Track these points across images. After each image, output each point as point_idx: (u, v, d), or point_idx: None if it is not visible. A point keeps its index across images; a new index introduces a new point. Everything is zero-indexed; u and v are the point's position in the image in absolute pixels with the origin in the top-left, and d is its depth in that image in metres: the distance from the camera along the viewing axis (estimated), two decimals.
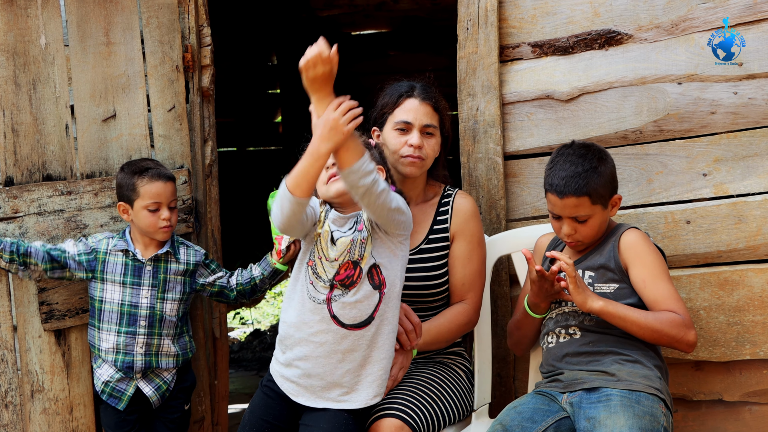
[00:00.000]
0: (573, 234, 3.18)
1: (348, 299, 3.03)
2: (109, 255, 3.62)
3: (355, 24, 9.28)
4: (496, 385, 3.77)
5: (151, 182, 3.57)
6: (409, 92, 3.42)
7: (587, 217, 3.15)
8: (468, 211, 3.47)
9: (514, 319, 3.40)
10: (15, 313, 3.78)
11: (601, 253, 3.22)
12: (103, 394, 3.64)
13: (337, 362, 3.05)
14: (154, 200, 3.57)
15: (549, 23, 3.72)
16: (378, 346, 3.07)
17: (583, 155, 3.17)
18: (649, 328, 3.07)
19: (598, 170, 3.14)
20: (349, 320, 3.04)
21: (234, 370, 7.03)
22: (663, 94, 3.58)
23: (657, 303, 3.11)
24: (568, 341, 3.20)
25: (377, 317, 3.05)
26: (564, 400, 3.12)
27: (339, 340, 3.04)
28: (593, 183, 3.12)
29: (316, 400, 3.09)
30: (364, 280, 3.03)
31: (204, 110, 3.94)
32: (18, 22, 3.75)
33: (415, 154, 3.37)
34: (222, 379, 4.06)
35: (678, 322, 3.07)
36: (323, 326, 3.04)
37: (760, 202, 3.50)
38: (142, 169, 3.59)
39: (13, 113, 3.76)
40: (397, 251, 3.07)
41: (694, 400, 3.65)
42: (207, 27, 3.92)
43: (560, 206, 3.16)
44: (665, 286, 3.13)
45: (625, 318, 3.08)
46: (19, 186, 3.75)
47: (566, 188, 3.12)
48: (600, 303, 3.07)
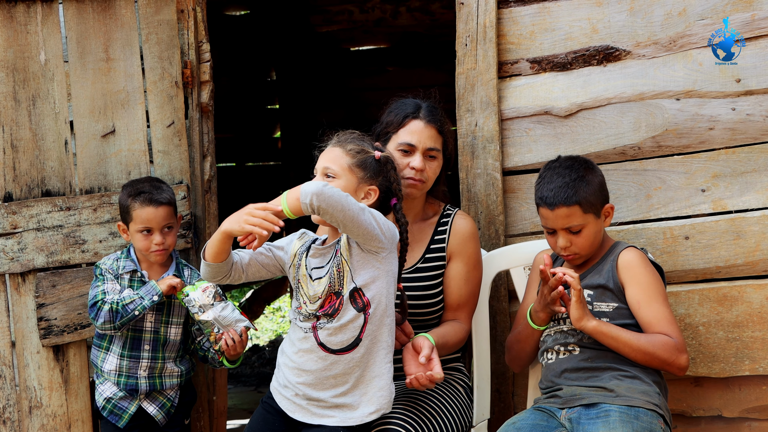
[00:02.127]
0: (569, 246, 3.19)
1: (333, 325, 3.04)
2: (119, 279, 3.60)
3: (354, 40, 9.31)
4: (495, 400, 3.76)
5: (143, 207, 3.54)
6: (415, 113, 3.40)
7: (581, 227, 3.17)
8: (467, 232, 3.46)
9: (514, 333, 3.40)
10: (13, 328, 3.78)
11: (600, 273, 3.22)
12: (104, 410, 3.62)
13: (330, 387, 3.06)
14: (144, 225, 3.55)
15: (548, 39, 3.73)
16: (371, 364, 3.06)
17: (569, 166, 3.21)
18: (641, 350, 3.09)
19: (585, 179, 3.18)
20: (336, 345, 3.04)
21: (232, 386, 7.01)
22: (661, 110, 3.59)
23: (650, 325, 3.12)
24: (568, 357, 3.20)
25: (365, 338, 3.04)
26: (563, 416, 3.11)
27: (329, 366, 3.05)
28: (582, 191, 3.15)
29: (312, 417, 3.08)
30: (347, 306, 3.03)
31: (203, 126, 3.95)
32: (18, 38, 3.76)
33: (416, 177, 3.37)
34: (220, 395, 4.05)
35: (670, 346, 3.09)
36: (312, 354, 3.06)
37: (759, 217, 3.51)
38: (136, 192, 3.57)
39: (13, 129, 3.77)
40: (380, 267, 3.04)
41: (694, 416, 3.65)
42: (206, 43, 3.93)
43: (552, 218, 3.17)
44: (659, 308, 3.13)
45: (618, 339, 3.09)
46: (18, 202, 3.75)
47: (556, 198, 3.15)
48: (593, 323, 3.09)
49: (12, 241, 3.73)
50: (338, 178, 3.06)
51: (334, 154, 3.10)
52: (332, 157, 3.10)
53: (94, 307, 3.49)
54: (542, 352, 3.29)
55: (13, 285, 3.77)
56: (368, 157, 3.09)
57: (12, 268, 3.75)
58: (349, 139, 3.14)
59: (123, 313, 3.46)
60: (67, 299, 3.74)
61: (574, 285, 3.06)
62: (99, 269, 3.60)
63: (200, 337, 3.66)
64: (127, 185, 3.65)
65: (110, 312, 3.46)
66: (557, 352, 3.23)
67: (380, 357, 3.06)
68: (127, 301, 3.47)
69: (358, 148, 3.10)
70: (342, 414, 3.05)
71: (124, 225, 3.61)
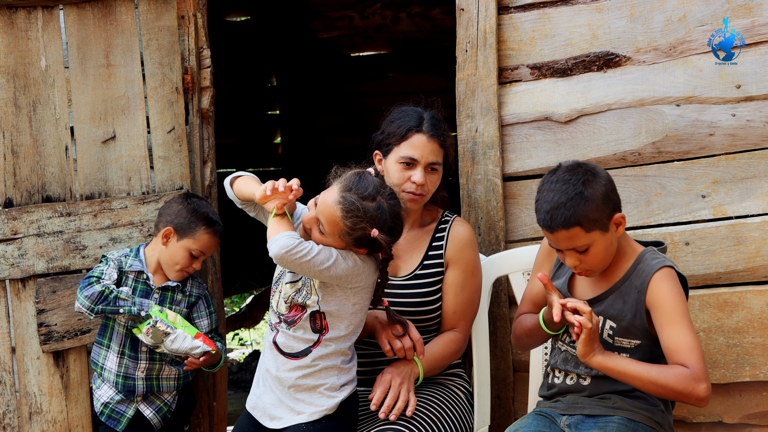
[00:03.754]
0: (579, 264, 3.00)
1: (288, 332, 3.12)
2: (124, 276, 3.60)
3: (354, 45, 9.32)
4: (496, 406, 3.76)
5: (210, 236, 3.59)
6: (418, 127, 3.37)
7: (587, 246, 2.94)
8: (465, 239, 3.46)
9: (523, 325, 3.26)
10: (13, 334, 3.78)
11: (624, 299, 3.02)
12: (102, 416, 3.62)
13: (279, 386, 3.14)
14: (201, 250, 3.58)
15: (548, 45, 3.74)
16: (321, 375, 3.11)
17: (567, 181, 2.92)
18: (652, 383, 2.91)
19: (584, 195, 2.89)
20: (287, 349, 3.13)
21: (233, 392, 7.00)
22: (661, 116, 3.59)
23: (669, 351, 2.94)
24: (575, 384, 3.14)
25: (314, 352, 3.11)
26: (563, 423, 3.10)
27: (279, 366, 3.13)
28: (581, 210, 2.89)
29: (271, 422, 3.17)
30: (306, 322, 3.09)
31: (203, 131, 3.95)
32: (18, 44, 3.77)
33: (417, 191, 3.36)
34: (221, 401, 4.05)
35: (686, 376, 2.88)
36: (270, 353, 3.17)
37: (759, 223, 3.51)
38: (208, 219, 3.59)
39: (13, 135, 3.77)
40: (350, 298, 3.10)
41: (694, 422, 3.64)
42: (207, 49, 3.94)
43: (554, 240, 2.97)
44: (680, 332, 2.92)
45: (625, 374, 2.94)
46: (19, 207, 3.75)
47: (553, 222, 2.90)
48: (598, 358, 2.93)
49: (12, 247, 3.73)
50: (327, 236, 3.04)
51: (332, 214, 3.00)
52: (329, 216, 3.00)
53: (87, 281, 3.50)
54: (550, 367, 3.24)
55: (14, 291, 3.77)
56: (363, 235, 3.02)
57: (12, 273, 3.76)
58: (351, 208, 2.98)
59: (109, 303, 3.46)
60: (68, 305, 3.74)
61: (585, 324, 2.88)
62: (106, 259, 3.61)
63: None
64: (194, 201, 3.63)
65: (99, 294, 3.46)
66: (566, 374, 3.16)
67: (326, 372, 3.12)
68: (121, 296, 3.47)
69: (355, 225, 2.99)
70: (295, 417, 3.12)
71: (174, 232, 3.58)
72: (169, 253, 3.58)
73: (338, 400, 3.12)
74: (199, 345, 3.47)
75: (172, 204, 3.63)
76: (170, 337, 3.44)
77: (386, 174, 3.39)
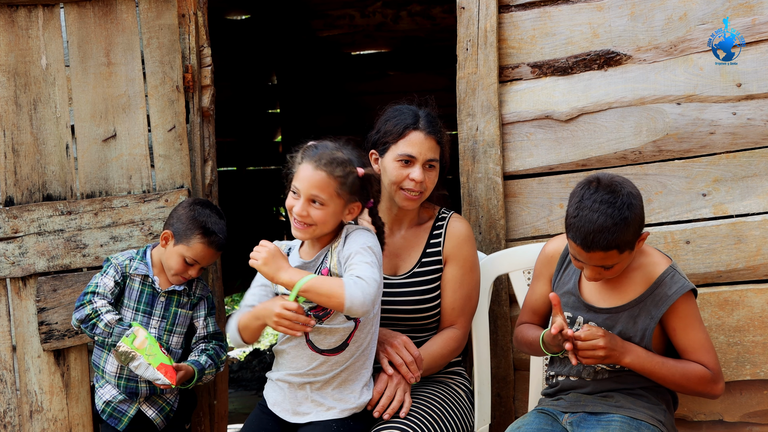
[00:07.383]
0: (597, 277, 3.03)
1: (322, 326, 3.09)
2: (129, 279, 3.60)
3: (355, 44, 9.32)
4: (496, 405, 3.76)
5: (207, 247, 3.55)
6: (415, 124, 3.38)
7: (614, 264, 2.98)
8: (462, 235, 3.46)
9: (525, 340, 3.28)
10: (14, 333, 3.78)
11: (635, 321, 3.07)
12: (104, 414, 3.62)
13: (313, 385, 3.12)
14: (195, 259, 3.56)
15: (548, 44, 3.74)
16: (356, 367, 3.13)
17: (611, 203, 2.89)
18: (675, 383, 3.07)
19: (627, 221, 2.89)
20: (325, 346, 3.10)
21: (233, 390, 7.01)
22: (662, 115, 3.59)
23: (686, 352, 3.07)
24: (578, 381, 3.16)
25: (351, 343, 3.10)
26: (565, 420, 3.11)
27: (316, 365, 3.11)
28: (623, 235, 2.89)
29: (294, 417, 3.16)
30: (338, 313, 3.07)
31: (204, 130, 3.95)
32: (19, 43, 3.77)
33: (416, 189, 3.36)
34: (221, 399, 4.05)
35: (707, 379, 3.05)
36: (299, 351, 3.13)
37: (760, 222, 3.51)
38: (208, 229, 3.54)
39: (14, 133, 3.77)
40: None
41: (695, 421, 3.64)
42: (207, 47, 3.94)
43: (585, 257, 2.96)
44: (696, 334, 3.06)
45: (653, 373, 3.04)
46: (20, 206, 3.75)
47: (593, 244, 2.90)
48: (627, 360, 3.01)
49: (13, 246, 3.74)
50: (326, 205, 3.04)
51: (320, 180, 3.03)
52: (318, 183, 3.03)
53: (82, 299, 3.53)
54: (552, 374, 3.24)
55: (14, 289, 3.78)
56: (353, 178, 3.06)
57: (13, 272, 3.76)
58: (333, 161, 3.05)
59: (90, 327, 3.49)
60: (68, 303, 3.74)
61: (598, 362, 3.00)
62: (109, 263, 3.60)
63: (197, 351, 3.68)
64: (198, 207, 3.59)
65: (86, 317, 3.49)
66: (569, 376, 3.18)
67: (362, 360, 3.14)
68: (100, 324, 3.47)
69: (343, 171, 3.04)
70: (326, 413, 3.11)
71: (172, 237, 3.56)
72: (166, 256, 3.58)
73: (366, 399, 3.15)
74: (158, 378, 3.41)
75: (179, 207, 3.62)
76: (133, 363, 3.42)
77: (383, 173, 3.38)
